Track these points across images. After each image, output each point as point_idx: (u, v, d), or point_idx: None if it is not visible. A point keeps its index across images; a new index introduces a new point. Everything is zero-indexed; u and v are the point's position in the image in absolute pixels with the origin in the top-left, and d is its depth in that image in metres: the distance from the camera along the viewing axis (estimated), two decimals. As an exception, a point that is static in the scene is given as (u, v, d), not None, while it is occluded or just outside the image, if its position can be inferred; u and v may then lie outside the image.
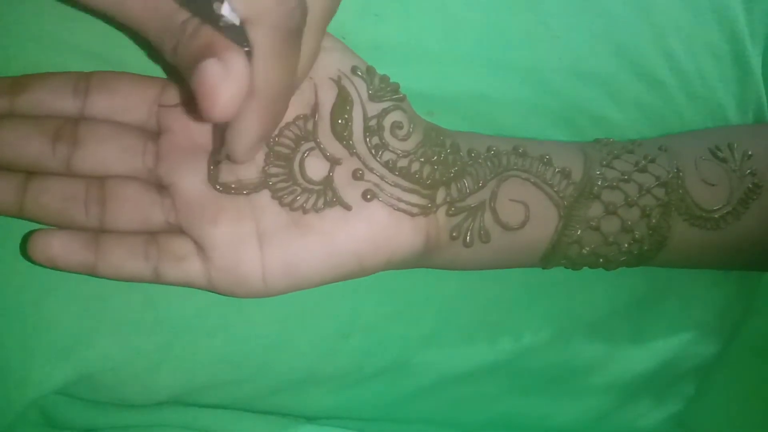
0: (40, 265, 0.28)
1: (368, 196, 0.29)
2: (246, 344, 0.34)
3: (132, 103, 0.30)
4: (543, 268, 0.34)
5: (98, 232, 0.29)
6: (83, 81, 0.29)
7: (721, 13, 0.36)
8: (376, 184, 0.30)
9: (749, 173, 0.35)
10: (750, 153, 0.35)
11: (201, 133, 0.29)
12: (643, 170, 0.33)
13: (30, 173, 0.29)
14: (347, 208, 0.29)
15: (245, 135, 0.25)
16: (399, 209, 0.30)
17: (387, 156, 0.30)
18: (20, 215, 0.29)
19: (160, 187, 0.29)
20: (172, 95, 0.30)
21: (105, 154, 0.29)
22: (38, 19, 0.30)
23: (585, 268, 0.34)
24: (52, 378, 0.32)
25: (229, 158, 0.27)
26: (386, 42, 0.33)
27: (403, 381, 0.37)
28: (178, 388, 0.34)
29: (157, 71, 0.31)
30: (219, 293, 0.29)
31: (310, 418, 0.36)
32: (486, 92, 0.34)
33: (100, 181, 0.29)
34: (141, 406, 0.34)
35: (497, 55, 0.34)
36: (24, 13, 0.30)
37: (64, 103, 0.29)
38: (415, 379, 0.37)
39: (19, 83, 0.29)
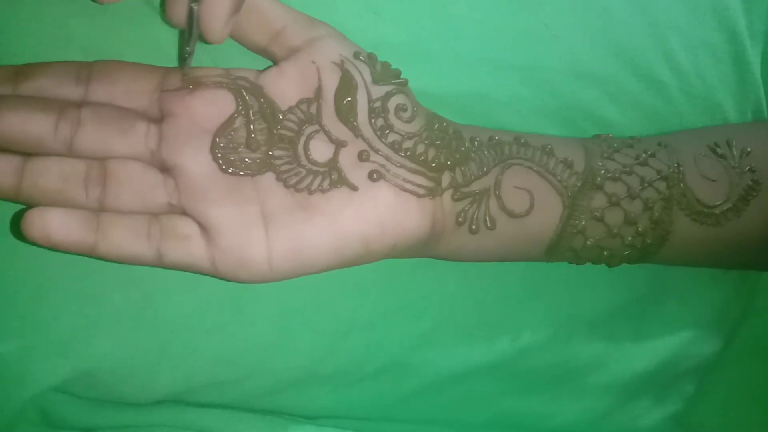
0: (36, 244, 0.27)
1: (374, 176, 0.30)
2: (245, 343, 0.34)
3: (134, 90, 0.29)
4: (547, 261, 0.34)
5: (98, 211, 0.28)
6: (85, 69, 0.29)
7: (721, 13, 0.37)
8: (382, 165, 0.30)
9: (748, 170, 0.35)
10: (749, 150, 0.35)
11: (204, 117, 0.29)
12: (644, 163, 0.34)
13: (28, 155, 0.28)
14: (353, 188, 0.30)
15: (218, 4, 0.26)
16: (405, 190, 0.30)
17: (392, 137, 0.30)
18: (17, 198, 0.28)
19: (163, 169, 0.29)
20: (174, 82, 0.30)
21: (107, 134, 0.28)
22: (38, 15, 0.30)
23: (587, 264, 0.34)
24: (51, 375, 0.32)
25: (205, 37, 0.27)
26: (385, 41, 0.33)
27: (402, 380, 0.37)
28: (177, 387, 0.34)
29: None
30: (222, 277, 0.29)
31: (310, 418, 0.36)
32: (485, 92, 0.34)
33: (101, 162, 0.29)
34: (140, 405, 0.34)
35: (496, 55, 0.34)
36: (24, 10, 0.30)
37: (66, 90, 0.29)
38: (414, 378, 0.37)
39: (21, 71, 0.29)
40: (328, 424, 0.35)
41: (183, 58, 0.29)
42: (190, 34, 0.28)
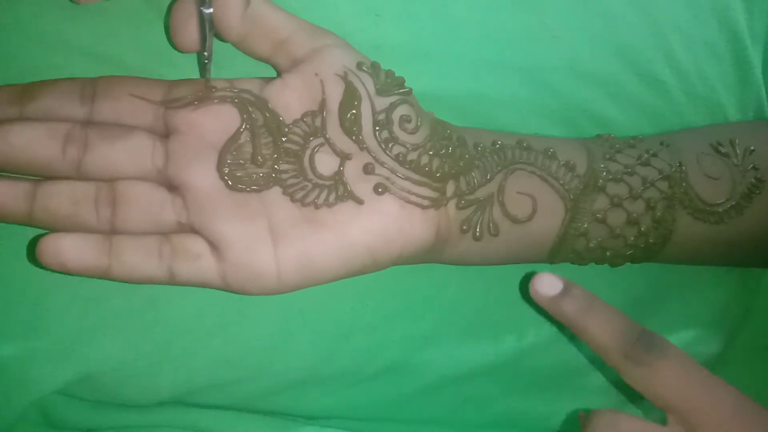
0: (51, 270, 0.28)
1: (380, 190, 0.30)
2: (246, 344, 0.34)
3: (138, 107, 0.30)
4: (550, 263, 0.34)
5: (109, 234, 0.29)
6: (89, 87, 0.29)
7: (722, 13, 0.37)
8: (387, 178, 0.30)
9: (752, 168, 0.35)
10: (752, 148, 0.35)
11: (209, 133, 0.29)
12: (646, 163, 0.34)
13: (38, 180, 0.29)
14: (359, 202, 0.30)
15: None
16: (410, 202, 0.30)
17: (397, 149, 0.30)
18: (29, 222, 0.28)
19: (171, 188, 0.29)
20: (178, 95, 0.30)
21: (114, 155, 0.29)
22: (38, 19, 0.30)
23: (590, 265, 0.34)
24: (53, 378, 0.32)
25: (225, 36, 0.28)
26: (386, 42, 0.33)
27: (403, 381, 0.37)
28: (178, 388, 0.33)
29: (157, 70, 0.31)
30: (233, 291, 0.30)
31: (311, 418, 0.36)
32: (486, 92, 0.34)
33: (109, 183, 0.29)
34: (141, 406, 0.34)
35: (497, 55, 0.34)
36: (24, 14, 0.30)
37: (71, 109, 0.29)
38: (415, 379, 0.37)
39: (27, 91, 0.29)
40: (329, 425, 0.35)
41: (202, 64, 0.29)
42: (204, 39, 0.28)
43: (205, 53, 0.28)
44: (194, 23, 0.27)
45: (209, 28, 0.27)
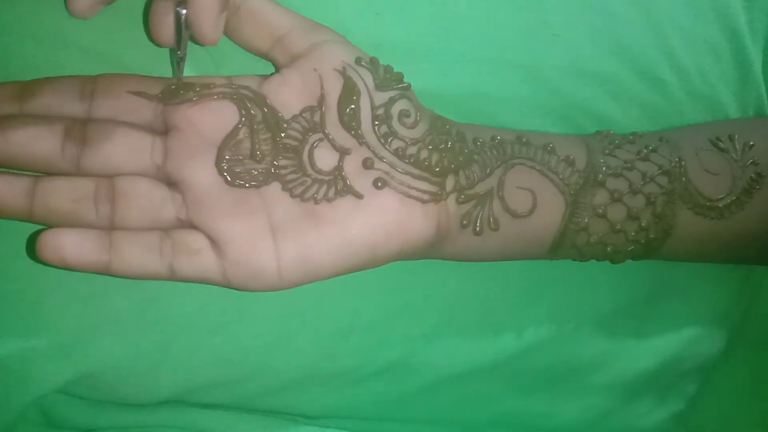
0: (51, 265, 0.28)
1: (379, 184, 0.30)
2: (246, 343, 0.34)
3: (137, 105, 0.30)
4: (551, 259, 0.34)
5: (110, 230, 0.29)
6: (89, 84, 0.30)
7: (721, 12, 0.37)
8: (386, 172, 0.30)
9: (751, 163, 0.35)
10: (751, 143, 0.35)
11: (208, 129, 0.29)
12: (646, 159, 0.34)
13: (38, 176, 0.29)
14: (359, 196, 0.30)
15: (205, 3, 0.26)
16: (410, 196, 0.30)
17: (396, 144, 0.30)
18: (29, 219, 0.28)
19: (170, 184, 0.29)
20: (175, 93, 0.30)
21: (113, 152, 0.29)
22: (38, 17, 0.30)
23: (590, 262, 0.34)
24: (53, 377, 0.32)
25: (198, 39, 0.28)
26: (386, 40, 0.33)
27: (403, 380, 0.37)
28: (178, 387, 0.34)
29: (157, 69, 0.31)
30: (234, 288, 0.30)
31: (311, 418, 0.36)
32: (486, 90, 0.34)
33: (109, 180, 0.29)
34: (141, 405, 0.34)
35: (497, 54, 0.34)
36: (23, 12, 0.30)
37: (71, 107, 0.29)
38: (416, 378, 0.37)
39: (27, 88, 0.29)
40: (329, 425, 0.35)
41: (175, 63, 0.29)
42: (179, 38, 0.28)
43: (179, 52, 0.28)
44: (171, 19, 0.28)
45: (184, 27, 0.27)
